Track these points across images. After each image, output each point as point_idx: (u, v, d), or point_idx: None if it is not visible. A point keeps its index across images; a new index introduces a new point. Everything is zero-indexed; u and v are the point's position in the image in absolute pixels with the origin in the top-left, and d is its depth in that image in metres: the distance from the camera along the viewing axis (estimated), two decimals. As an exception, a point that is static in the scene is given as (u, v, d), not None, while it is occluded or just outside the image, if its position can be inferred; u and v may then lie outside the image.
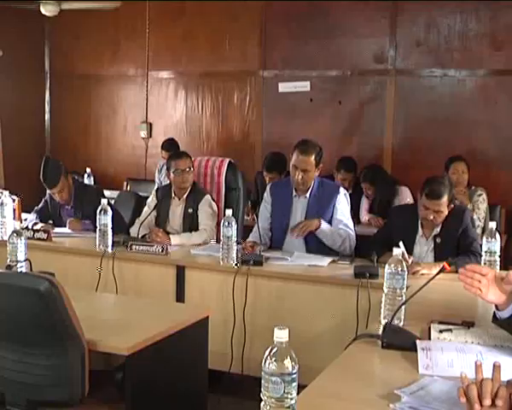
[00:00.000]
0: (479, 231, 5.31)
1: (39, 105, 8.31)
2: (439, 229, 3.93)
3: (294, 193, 4.34)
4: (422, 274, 3.59)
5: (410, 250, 3.88)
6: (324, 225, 4.17)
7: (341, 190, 4.36)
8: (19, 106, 7.86)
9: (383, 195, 5.79)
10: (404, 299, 2.69)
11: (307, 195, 4.29)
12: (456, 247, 3.89)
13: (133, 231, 4.62)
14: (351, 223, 4.30)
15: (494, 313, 2.43)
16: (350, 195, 4.74)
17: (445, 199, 3.81)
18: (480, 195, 5.59)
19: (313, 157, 4.20)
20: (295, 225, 4.19)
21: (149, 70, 7.76)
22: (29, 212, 5.17)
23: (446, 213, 3.86)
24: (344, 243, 4.18)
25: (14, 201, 4.90)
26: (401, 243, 3.12)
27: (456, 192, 5.42)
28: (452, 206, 3.89)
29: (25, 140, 7.96)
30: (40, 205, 5.10)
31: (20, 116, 7.87)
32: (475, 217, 5.44)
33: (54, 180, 4.87)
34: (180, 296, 4.06)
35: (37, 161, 5.02)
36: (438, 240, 3.93)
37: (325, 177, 4.77)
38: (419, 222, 3.97)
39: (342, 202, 4.29)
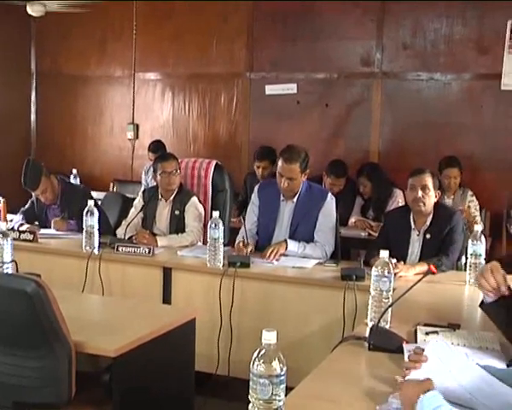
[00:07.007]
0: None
1: (25, 106, 8.25)
2: (428, 222, 4.03)
3: (282, 198, 4.31)
4: (400, 277, 3.58)
5: (406, 249, 4.02)
6: (291, 246, 4.13)
7: (328, 196, 4.30)
8: (4, 106, 7.80)
9: (379, 194, 5.78)
10: (390, 301, 2.70)
11: (294, 200, 4.27)
12: (440, 244, 3.97)
13: (119, 232, 4.61)
14: (329, 235, 4.19)
15: (482, 300, 2.45)
16: (340, 196, 4.70)
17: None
18: (472, 195, 5.67)
19: (298, 165, 4.15)
20: (266, 250, 4.07)
21: (136, 71, 7.73)
22: (15, 213, 5.14)
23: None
24: (314, 256, 4.13)
25: (-1, 202, 4.88)
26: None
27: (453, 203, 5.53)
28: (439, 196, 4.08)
29: (11, 141, 7.91)
30: (26, 206, 5.08)
31: (6, 117, 7.81)
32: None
33: (34, 183, 4.86)
34: (167, 298, 4.06)
35: (23, 162, 5.00)
36: (428, 236, 4.01)
37: (313, 179, 4.76)
38: (411, 218, 4.07)
39: (326, 210, 4.23)
